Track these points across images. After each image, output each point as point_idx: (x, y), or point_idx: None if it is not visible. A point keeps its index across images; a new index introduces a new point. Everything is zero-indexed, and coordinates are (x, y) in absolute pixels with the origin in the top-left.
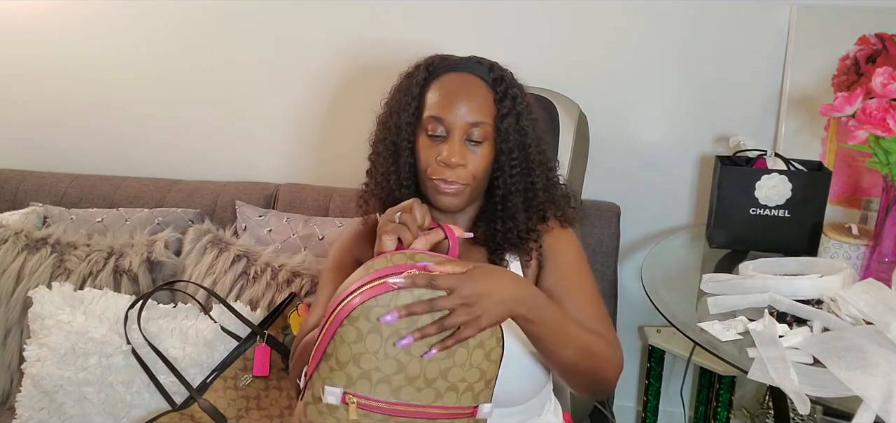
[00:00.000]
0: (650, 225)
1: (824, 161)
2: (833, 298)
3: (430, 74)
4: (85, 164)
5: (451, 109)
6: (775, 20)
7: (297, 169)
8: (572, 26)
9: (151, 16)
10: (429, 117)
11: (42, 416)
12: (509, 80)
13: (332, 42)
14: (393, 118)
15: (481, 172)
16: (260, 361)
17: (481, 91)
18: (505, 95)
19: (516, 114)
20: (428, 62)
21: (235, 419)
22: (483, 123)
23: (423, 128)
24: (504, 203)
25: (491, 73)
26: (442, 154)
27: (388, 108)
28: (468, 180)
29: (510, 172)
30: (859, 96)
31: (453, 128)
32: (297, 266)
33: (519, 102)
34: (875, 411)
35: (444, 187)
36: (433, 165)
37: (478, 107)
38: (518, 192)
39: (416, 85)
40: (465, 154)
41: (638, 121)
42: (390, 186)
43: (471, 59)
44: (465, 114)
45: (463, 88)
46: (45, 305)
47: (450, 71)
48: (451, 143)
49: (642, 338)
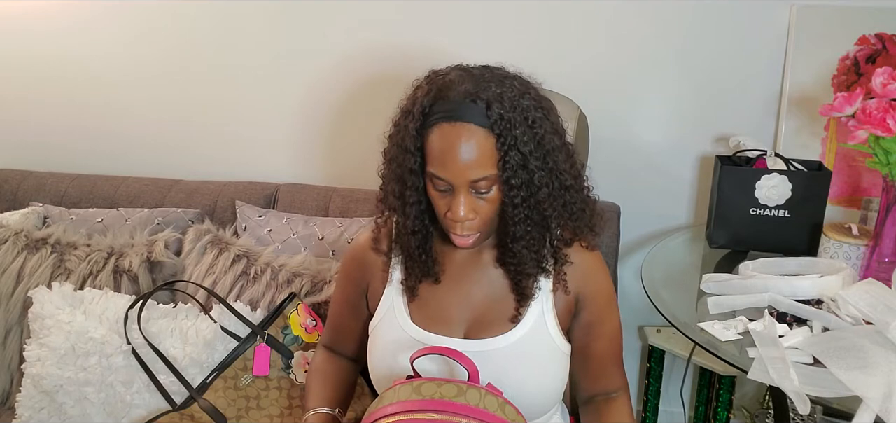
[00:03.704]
0: (650, 225)
1: (824, 161)
2: (833, 298)
3: (425, 121)
4: (85, 164)
5: (451, 167)
6: (775, 20)
7: (298, 169)
8: (572, 26)
9: (152, 16)
10: (432, 173)
11: (42, 416)
12: (510, 112)
13: (332, 43)
14: (397, 159)
15: (493, 215)
16: (260, 361)
17: (481, 142)
18: (506, 135)
19: (522, 155)
20: (424, 100)
21: (235, 419)
22: (486, 176)
23: (428, 175)
24: (515, 235)
25: (489, 115)
26: (451, 211)
27: (392, 144)
28: (480, 228)
29: (513, 215)
30: (859, 96)
31: (457, 186)
32: (297, 266)
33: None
34: (875, 411)
35: (458, 239)
36: (445, 219)
37: (479, 162)
38: (530, 220)
39: (412, 132)
40: (472, 205)
41: (638, 121)
42: (404, 227)
43: (465, 103)
44: (466, 171)
45: (459, 144)
46: (45, 305)
47: (444, 120)
48: (457, 200)
49: (642, 338)
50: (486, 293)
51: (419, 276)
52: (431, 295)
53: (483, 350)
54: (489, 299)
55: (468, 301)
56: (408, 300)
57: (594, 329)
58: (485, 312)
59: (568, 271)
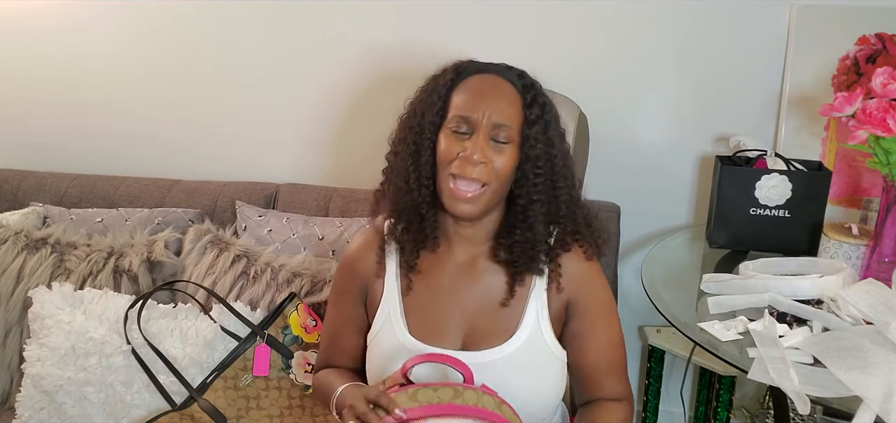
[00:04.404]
0: (650, 225)
1: (824, 161)
2: (833, 298)
3: (458, 76)
4: (85, 164)
5: (477, 107)
6: (775, 20)
7: (298, 169)
8: (572, 26)
9: (152, 17)
10: (454, 116)
11: (42, 416)
12: (539, 89)
13: (332, 43)
14: (416, 118)
15: (503, 173)
16: (260, 361)
17: (510, 94)
18: (534, 102)
19: (544, 122)
20: (457, 64)
21: (235, 418)
22: (509, 126)
23: (446, 126)
24: (525, 213)
25: (521, 79)
26: (465, 150)
27: (412, 107)
28: (489, 178)
29: (534, 180)
30: (859, 96)
31: (478, 126)
32: (297, 266)
33: (547, 111)
34: (875, 411)
35: (462, 190)
36: (455, 161)
37: (505, 109)
38: (540, 202)
39: (443, 85)
40: (488, 152)
41: (638, 121)
42: (409, 186)
43: (501, 66)
44: (491, 114)
45: (491, 89)
46: (45, 305)
47: (479, 73)
48: (476, 139)
49: (642, 338)
50: (481, 303)
51: (419, 243)
52: (427, 305)
53: (481, 362)
54: (485, 310)
55: (463, 312)
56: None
57: (584, 340)
58: (480, 322)
59: (563, 276)
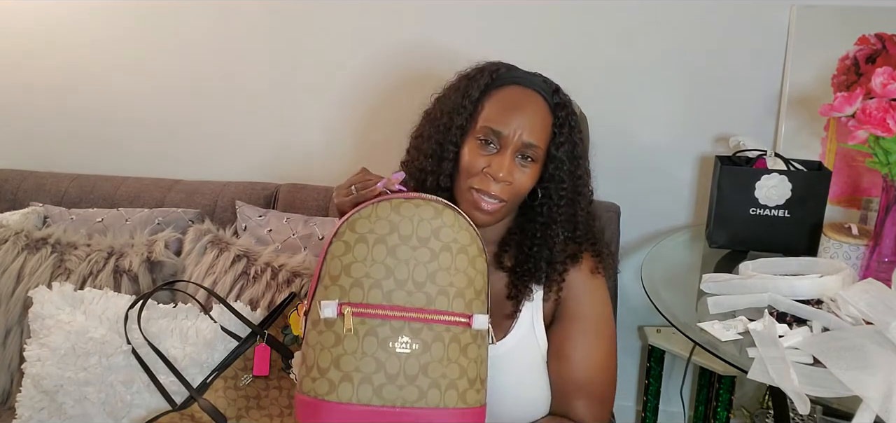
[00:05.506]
0: (650, 225)
1: (824, 161)
2: (833, 298)
3: (492, 82)
4: (85, 164)
5: (509, 123)
6: (775, 20)
7: (298, 169)
8: (572, 27)
9: (152, 16)
10: (484, 127)
11: (42, 416)
12: (570, 107)
13: (331, 44)
14: (443, 118)
15: (522, 190)
16: (260, 361)
17: (542, 112)
18: (564, 122)
19: (571, 143)
20: (492, 69)
21: (235, 418)
22: (537, 146)
23: (474, 134)
24: (544, 231)
25: (555, 96)
26: (491, 167)
27: (440, 106)
28: (509, 197)
29: (557, 201)
30: (859, 96)
31: (508, 144)
32: (297, 266)
33: (575, 132)
34: (875, 411)
35: (483, 203)
36: (479, 175)
37: (536, 128)
38: (561, 222)
39: (476, 89)
40: (513, 171)
41: (638, 121)
42: (426, 187)
43: (537, 77)
44: (523, 133)
45: (525, 105)
46: (45, 305)
47: (514, 84)
48: (503, 158)
49: (642, 338)
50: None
51: None
52: None
53: None
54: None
55: None
56: None
57: (562, 348)
58: None
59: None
